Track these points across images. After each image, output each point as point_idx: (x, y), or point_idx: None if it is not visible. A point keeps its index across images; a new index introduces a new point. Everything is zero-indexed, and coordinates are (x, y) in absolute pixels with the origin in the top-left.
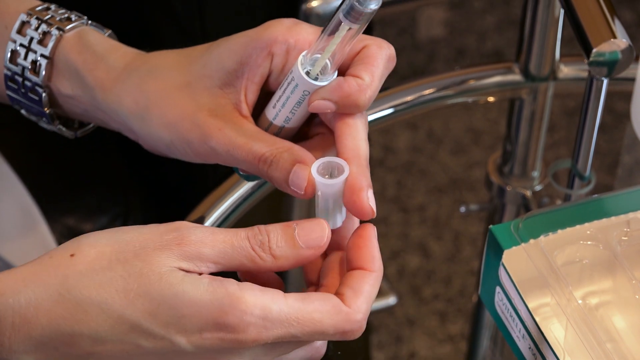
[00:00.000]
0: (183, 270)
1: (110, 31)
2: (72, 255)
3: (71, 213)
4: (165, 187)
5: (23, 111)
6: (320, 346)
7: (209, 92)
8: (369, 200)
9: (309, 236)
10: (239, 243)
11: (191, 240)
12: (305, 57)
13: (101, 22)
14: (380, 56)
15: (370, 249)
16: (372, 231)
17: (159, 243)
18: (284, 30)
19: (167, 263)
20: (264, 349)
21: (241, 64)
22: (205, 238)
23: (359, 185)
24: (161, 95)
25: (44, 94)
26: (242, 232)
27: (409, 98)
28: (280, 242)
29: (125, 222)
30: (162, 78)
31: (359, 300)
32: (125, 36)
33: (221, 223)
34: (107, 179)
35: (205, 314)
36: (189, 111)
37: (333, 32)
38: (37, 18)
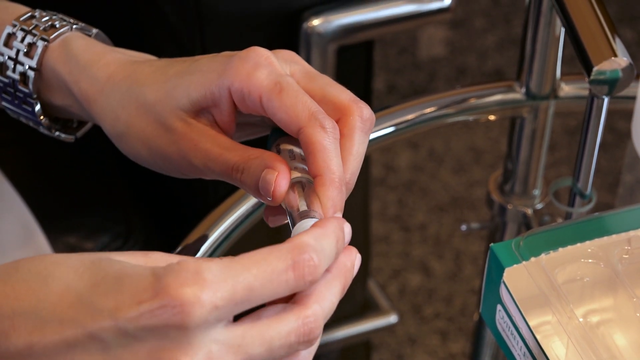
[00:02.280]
0: None
1: (97, 31)
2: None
3: (72, 232)
4: (167, 206)
5: (22, 119)
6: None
7: (178, 112)
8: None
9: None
10: (190, 261)
11: (158, 254)
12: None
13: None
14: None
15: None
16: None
17: (125, 252)
18: (242, 77)
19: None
20: (218, 337)
21: (205, 98)
22: (174, 256)
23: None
24: (139, 112)
25: (36, 105)
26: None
27: (409, 117)
28: None
29: (127, 241)
30: (140, 95)
31: (304, 235)
32: None
33: (223, 241)
34: (108, 198)
35: (144, 282)
36: (165, 128)
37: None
38: (22, 29)
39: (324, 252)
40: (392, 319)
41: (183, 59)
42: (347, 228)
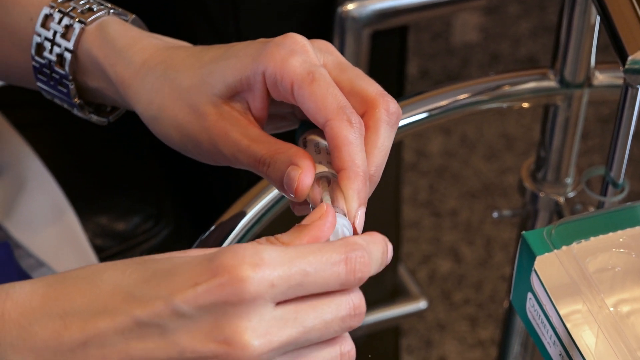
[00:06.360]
0: None
1: (133, 16)
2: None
3: (104, 212)
4: (198, 189)
5: (56, 100)
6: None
7: (212, 98)
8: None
9: (310, 216)
10: (245, 244)
11: (196, 249)
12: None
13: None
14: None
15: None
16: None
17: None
18: (277, 63)
19: None
20: (273, 314)
21: (241, 82)
22: (211, 249)
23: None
24: (173, 97)
25: (71, 86)
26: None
27: (443, 103)
28: (286, 233)
29: (158, 222)
30: (175, 80)
31: (355, 237)
32: None
33: (257, 221)
34: (140, 180)
35: (198, 267)
36: (197, 114)
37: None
38: (60, 11)
39: (372, 254)
40: (422, 304)
41: (218, 45)
42: (390, 246)
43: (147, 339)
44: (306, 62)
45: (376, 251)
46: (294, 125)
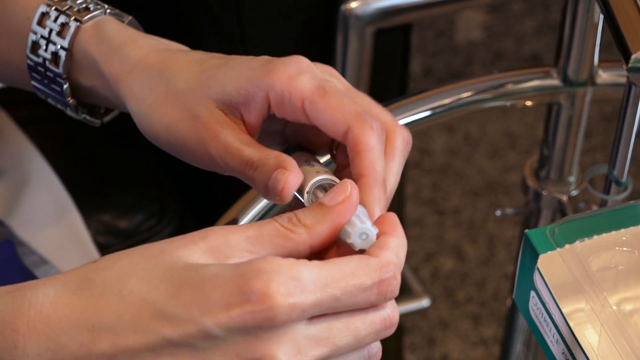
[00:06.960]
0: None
1: (130, 18)
2: (94, 261)
3: (107, 210)
4: (201, 186)
5: (50, 100)
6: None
7: (209, 102)
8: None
9: (333, 194)
10: (268, 225)
11: (217, 233)
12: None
13: (139, 22)
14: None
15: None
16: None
17: (183, 240)
18: (284, 80)
19: (194, 258)
20: (306, 333)
21: (239, 93)
22: (231, 228)
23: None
24: (168, 97)
25: (65, 85)
26: (268, 219)
27: (446, 101)
28: (308, 213)
29: (161, 220)
30: (172, 81)
31: (384, 252)
32: (162, 37)
33: None
34: (143, 177)
35: (230, 286)
36: (191, 115)
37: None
38: (56, 9)
39: (401, 264)
40: (425, 302)
41: (219, 55)
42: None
43: (178, 356)
44: (314, 78)
45: (403, 255)
46: (279, 147)
